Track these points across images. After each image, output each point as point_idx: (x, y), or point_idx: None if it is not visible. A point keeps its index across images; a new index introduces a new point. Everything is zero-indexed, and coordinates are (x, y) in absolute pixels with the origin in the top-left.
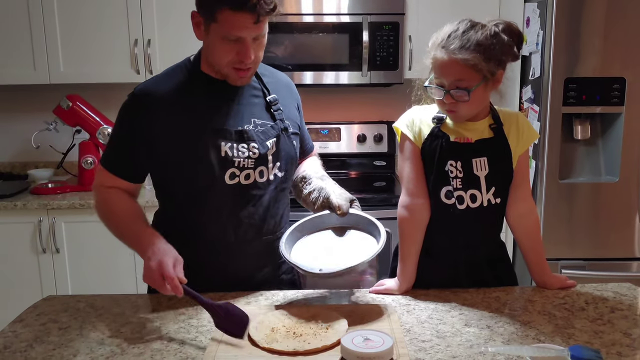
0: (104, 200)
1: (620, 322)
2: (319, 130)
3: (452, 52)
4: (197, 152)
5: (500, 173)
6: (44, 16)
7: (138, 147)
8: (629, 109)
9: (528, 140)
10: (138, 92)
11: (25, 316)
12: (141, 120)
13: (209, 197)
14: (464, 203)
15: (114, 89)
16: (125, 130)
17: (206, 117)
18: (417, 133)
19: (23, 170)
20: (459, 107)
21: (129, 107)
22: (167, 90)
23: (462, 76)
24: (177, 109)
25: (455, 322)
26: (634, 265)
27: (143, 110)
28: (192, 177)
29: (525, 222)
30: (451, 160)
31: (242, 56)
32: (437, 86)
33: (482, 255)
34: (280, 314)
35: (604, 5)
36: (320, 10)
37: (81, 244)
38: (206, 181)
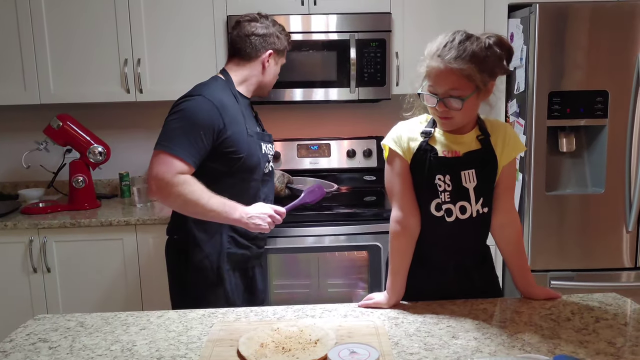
0: (187, 183)
1: (605, 331)
2: (309, 146)
3: (448, 61)
4: (250, 149)
5: (488, 183)
6: (34, 36)
7: (209, 140)
8: (613, 121)
9: (513, 151)
10: (209, 97)
11: (15, 336)
12: (216, 119)
13: (252, 182)
14: (453, 215)
15: (104, 108)
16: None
17: (249, 124)
18: (405, 148)
19: (14, 190)
20: (451, 114)
21: (203, 106)
22: (229, 100)
23: (456, 85)
24: (237, 115)
25: (443, 335)
26: (623, 275)
27: (216, 111)
28: (250, 168)
29: (507, 233)
30: (439, 175)
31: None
32: (431, 94)
33: (470, 262)
34: (269, 330)
35: (585, 20)
36: (309, 28)
37: (72, 263)
38: (253, 170)
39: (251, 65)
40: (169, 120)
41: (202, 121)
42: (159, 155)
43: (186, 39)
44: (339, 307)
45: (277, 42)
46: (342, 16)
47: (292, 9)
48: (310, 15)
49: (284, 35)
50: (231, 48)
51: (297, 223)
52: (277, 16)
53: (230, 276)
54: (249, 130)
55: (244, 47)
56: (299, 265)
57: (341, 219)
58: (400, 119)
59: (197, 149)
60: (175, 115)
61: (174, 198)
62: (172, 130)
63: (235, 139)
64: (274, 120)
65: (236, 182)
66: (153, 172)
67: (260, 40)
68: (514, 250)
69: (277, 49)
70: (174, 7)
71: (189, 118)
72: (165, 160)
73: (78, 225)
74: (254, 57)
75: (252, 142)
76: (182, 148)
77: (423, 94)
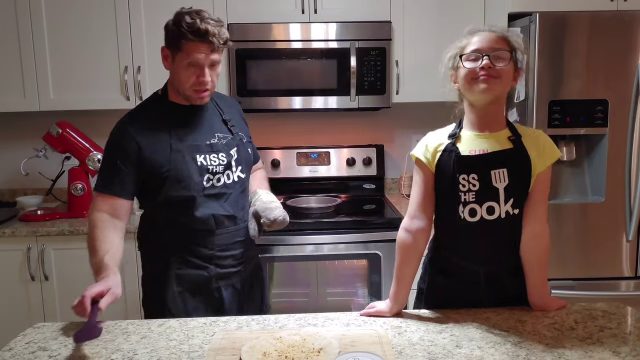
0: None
1: (609, 340)
2: (309, 154)
3: (488, 28)
4: (176, 164)
5: (520, 184)
6: (33, 43)
7: (130, 164)
8: (613, 130)
9: (550, 157)
10: (127, 118)
11: (14, 344)
12: (128, 142)
13: (190, 200)
14: (477, 215)
15: (103, 115)
16: (116, 152)
17: (182, 136)
18: (430, 157)
19: (12, 197)
20: (497, 73)
21: (116, 132)
22: (150, 117)
23: (499, 46)
24: (158, 132)
25: (447, 344)
26: (623, 284)
27: (128, 134)
28: (179, 184)
29: (535, 244)
30: (463, 174)
31: (201, 78)
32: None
33: (503, 269)
34: (272, 338)
35: (585, 29)
36: (309, 36)
37: (70, 271)
38: (190, 186)
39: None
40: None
41: (117, 148)
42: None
43: None
44: (341, 315)
45: (167, 35)
46: (343, 24)
47: (293, 17)
48: (310, 23)
49: (175, 26)
50: None
51: (296, 231)
52: (278, 24)
53: (183, 300)
54: (173, 145)
55: None
56: (298, 274)
57: (341, 228)
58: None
59: (120, 178)
60: (104, 152)
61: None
62: (100, 167)
63: (155, 159)
64: (273, 128)
65: (173, 200)
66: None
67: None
68: (539, 263)
69: (167, 43)
70: None
71: (108, 149)
72: (94, 199)
73: (77, 232)
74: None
75: (179, 157)
76: (104, 182)
77: (459, 59)
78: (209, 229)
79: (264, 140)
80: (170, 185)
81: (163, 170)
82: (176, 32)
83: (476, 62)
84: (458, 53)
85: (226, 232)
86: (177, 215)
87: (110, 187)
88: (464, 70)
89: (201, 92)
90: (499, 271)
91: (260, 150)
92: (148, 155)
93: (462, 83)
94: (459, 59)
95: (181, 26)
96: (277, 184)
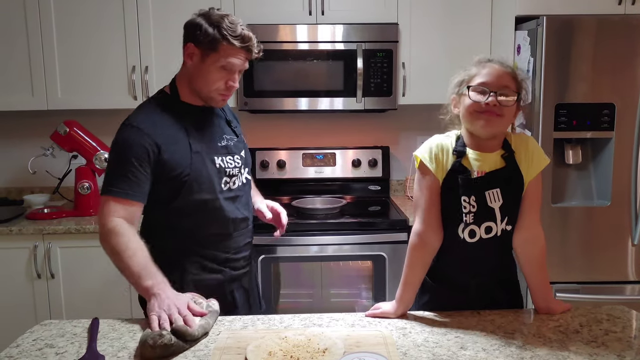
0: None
1: (614, 344)
2: (314, 155)
3: (500, 63)
4: (196, 166)
5: (514, 201)
6: (42, 42)
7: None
8: (619, 134)
9: (538, 165)
10: (137, 123)
11: (22, 341)
12: (147, 144)
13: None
14: (476, 236)
15: (111, 115)
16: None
17: (196, 139)
18: (440, 167)
19: (19, 195)
20: (502, 112)
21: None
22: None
23: (508, 84)
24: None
25: (451, 345)
26: (627, 288)
27: (145, 136)
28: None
29: (530, 249)
30: (464, 197)
31: (230, 83)
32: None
33: (493, 280)
34: (277, 338)
35: (592, 33)
36: (315, 38)
37: (76, 269)
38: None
39: (184, 66)
40: (108, 160)
41: (134, 152)
42: (102, 200)
43: None
44: (346, 316)
45: (200, 34)
46: (350, 26)
47: (300, 19)
48: (317, 25)
49: (215, 28)
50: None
51: (301, 232)
52: (285, 25)
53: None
54: (193, 146)
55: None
56: (303, 275)
57: (346, 229)
58: (406, 129)
59: (135, 182)
60: (110, 154)
61: (105, 248)
62: (109, 170)
63: (175, 161)
64: (279, 129)
65: (190, 204)
66: (98, 219)
67: (184, 33)
68: (536, 267)
69: (199, 41)
70: (182, 15)
71: (121, 152)
72: (104, 204)
73: (83, 231)
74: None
75: (199, 159)
76: (118, 186)
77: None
78: (227, 232)
79: (270, 140)
80: (189, 188)
81: (184, 173)
82: (215, 33)
83: (482, 96)
84: (466, 81)
85: (240, 235)
86: (195, 219)
87: (127, 190)
88: (468, 101)
89: (226, 95)
90: (490, 282)
91: (266, 151)
92: (168, 157)
93: (464, 113)
94: (466, 88)
95: (222, 28)
96: (283, 185)
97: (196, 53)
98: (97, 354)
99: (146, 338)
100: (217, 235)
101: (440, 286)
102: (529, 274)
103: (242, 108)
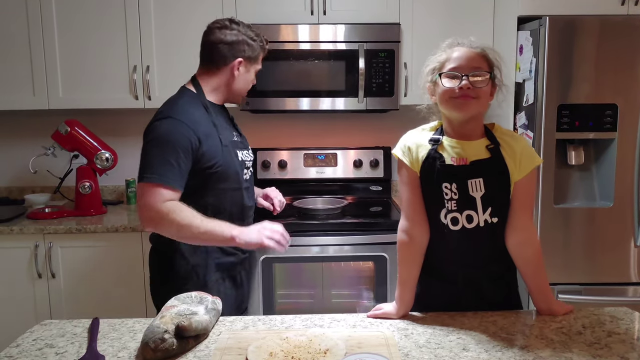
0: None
1: (617, 346)
2: (316, 155)
3: (469, 45)
4: (226, 159)
5: (497, 193)
6: (44, 42)
7: (189, 159)
8: (622, 135)
9: (528, 165)
10: (179, 116)
11: (22, 341)
12: (191, 137)
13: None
14: (459, 224)
15: (112, 114)
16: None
17: (223, 133)
18: (414, 158)
19: (20, 194)
20: (476, 93)
21: (177, 127)
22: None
23: (479, 64)
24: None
25: (454, 347)
26: (630, 290)
27: (189, 129)
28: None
29: (524, 251)
30: (446, 183)
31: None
32: (453, 73)
33: (483, 274)
34: (278, 339)
35: (595, 33)
36: (317, 37)
37: (77, 269)
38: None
39: (220, 73)
40: (147, 148)
41: (179, 143)
42: (145, 186)
43: (195, 46)
44: (347, 317)
45: (248, 49)
46: (351, 26)
47: (301, 19)
48: (319, 25)
49: (257, 42)
50: (201, 55)
51: (302, 232)
52: (286, 25)
53: (219, 286)
54: (223, 140)
55: (213, 55)
56: (304, 275)
57: (347, 229)
58: (408, 130)
59: (180, 172)
60: (151, 143)
61: (167, 226)
62: (152, 158)
63: (211, 153)
64: (281, 129)
65: (218, 194)
66: (142, 205)
67: (228, 48)
68: (533, 269)
69: (247, 56)
70: (184, 14)
71: (166, 142)
72: (151, 190)
73: (84, 231)
74: (222, 66)
75: (227, 152)
76: (165, 175)
77: (438, 77)
78: (242, 218)
79: (271, 140)
80: (218, 179)
81: (217, 165)
82: (258, 48)
83: (455, 81)
84: (437, 68)
85: (248, 222)
86: (219, 207)
87: (175, 179)
88: (442, 88)
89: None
90: (478, 276)
91: (268, 151)
92: (206, 149)
93: (440, 100)
94: (438, 76)
95: (263, 42)
96: (284, 185)
97: (243, 64)
98: (97, 354)
99: (148, 340)
100: (235, 221)
101: (430, 278)
102: (527, 276)
103: (244, 108)
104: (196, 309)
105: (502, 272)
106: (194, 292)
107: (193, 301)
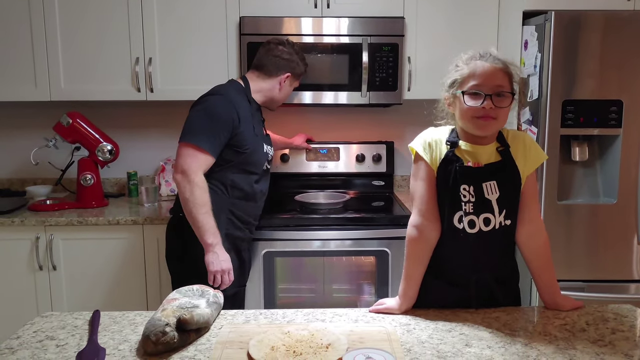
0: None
1: (621, 343)
2: (318, 149)
3: (493, 61)
4: (255, 146)
5: (511, 195)
6: (46, 33)
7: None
8: (627, 131)
9: (536, 161)
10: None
11: (22, 333)
12: (233, 116)
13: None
14: (475, 227)
15: (114, 106)
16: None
17: (256, 125)
18: (434, 157)
19: (21, 186)
20: (496, 114)
21: (224, 104)
22: (242, 101)
23: (502, 83)
24: (247, 115)
25: (456, 342)
26: (632, 287)
27: (233, 109)
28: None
29: (534, 243)
30: (464, 185)
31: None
32: (475, 92)
33: (492, 275)
34: (279, 333)
35: (600, 29)
36: (320, 31)
37: (78, 261)
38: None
39: (269, 81)
40: (193, 116)
41: (223, 117)
42: (187, 147)
43: (198, 39)
44: (349, 311)
45: (297, 67)
46: (355, 20)
47: (305, 12)
48: (322, 18)
49: (302, 63)
50: (256, 62)
51: (304, 227)
52: (290, 18)
53: (228, 252)
54: (255, 129)
55: (268, 64)
56: (305, 269)
57: (349, 224)
58: (411, 124)
59: (218, 143)
60: (199, 112)
61: (187, 193)
62: (197, 125)
63: (244, 136)
64: (283, 123)
65: (240, 172)
66: (180, 164)
67: (283, 63)
68: (543, 262)
69: (294, 73)
70: (187, 7)
71: (212, 114)
72: (191, 153)
73: (85, 223)
74: (273, 75)
75: (257, 141)
76: (206, 142)
77: (461, 94)
78: (254, 200)
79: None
80: (244, 160)
81: (246, 147)
82: (303, 68)
83: (477, 101)
84: (458, 82)
85: (260, 207)
86: (237, 185)
87: (214, 147)
88: (464, 105)
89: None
90: (489, 278)
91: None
92: (242, 130)
93: (460, 116)
94: (460, 93)
95: (306, 65)
96: (286, 179)
97: (289, 79)
98: (98, 346)
99: (149, 333)
100: (247, 201)
101: (440, 281)
102: (536, 270)
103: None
104: (198, 302)
105: (509, 276)
106: (196, 285)
107: (194, 294)
